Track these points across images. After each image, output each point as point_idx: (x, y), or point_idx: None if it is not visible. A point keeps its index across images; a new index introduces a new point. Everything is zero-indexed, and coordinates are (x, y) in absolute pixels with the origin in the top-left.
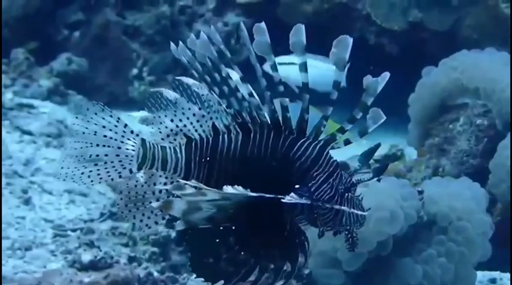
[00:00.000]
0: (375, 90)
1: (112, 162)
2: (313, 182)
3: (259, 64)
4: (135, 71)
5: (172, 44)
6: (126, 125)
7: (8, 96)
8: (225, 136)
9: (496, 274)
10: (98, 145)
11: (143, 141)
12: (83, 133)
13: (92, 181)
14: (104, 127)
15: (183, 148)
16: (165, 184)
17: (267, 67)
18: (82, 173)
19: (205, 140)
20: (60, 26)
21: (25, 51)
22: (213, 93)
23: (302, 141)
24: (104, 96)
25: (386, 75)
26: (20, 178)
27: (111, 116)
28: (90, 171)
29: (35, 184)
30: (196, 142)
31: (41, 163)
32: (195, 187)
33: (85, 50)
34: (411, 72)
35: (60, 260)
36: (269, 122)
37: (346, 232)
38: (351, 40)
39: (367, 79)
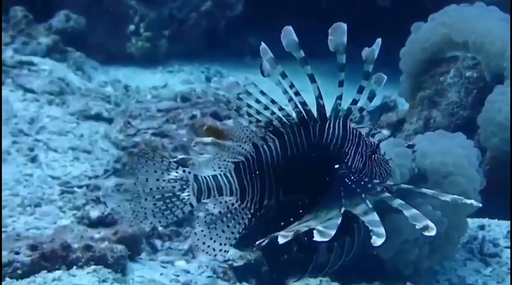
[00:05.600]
0: (373, 58)
1: (171, 200)
2: (348, 157)
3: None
4: (132, 27)
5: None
6: (178, 166)
7: (8, 53)
8: (264, 146)
9: (484, 221)
10: (157, 187)
11: (195, 176)
12: (146, 180)
13: (159, 221)
14: (161, 171)
15: (233, 172)
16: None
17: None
18: (147, 213)
19: (250, 158)
20: None
21: (23, 8)
22: (242, 122)
23: (327, 124)
24: (102, 52)
25: (379, 42)
26: (25, 136)
27: (162, 161)
28: (153, 210)
29: (40, 142)
30: (243, 163)
31: (45, 121)
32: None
33: (82, 7)
34: (403, 24)
35: (69, 216)
36: (296, 120)
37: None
38: (345, 26)
39: (365, 51)
